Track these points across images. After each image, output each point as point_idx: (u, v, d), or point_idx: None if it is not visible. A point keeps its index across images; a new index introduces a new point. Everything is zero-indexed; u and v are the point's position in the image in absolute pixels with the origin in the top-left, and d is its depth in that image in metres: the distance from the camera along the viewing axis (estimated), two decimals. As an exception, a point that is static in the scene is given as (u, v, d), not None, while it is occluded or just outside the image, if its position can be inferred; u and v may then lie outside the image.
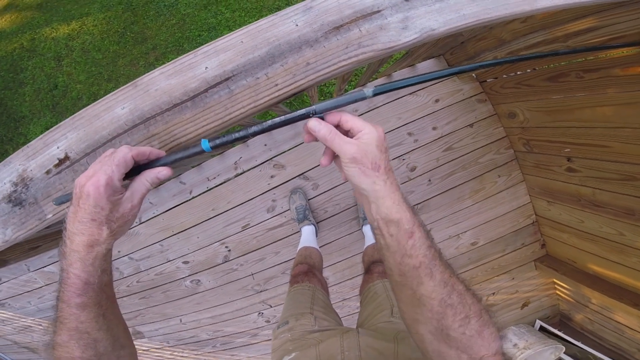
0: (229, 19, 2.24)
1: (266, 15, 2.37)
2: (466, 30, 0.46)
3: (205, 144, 0.41)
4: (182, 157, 0.42)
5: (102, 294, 0.38)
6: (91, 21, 2.49)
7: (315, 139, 0.42)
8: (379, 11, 0.45)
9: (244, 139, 0.42)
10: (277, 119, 0.40)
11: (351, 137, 0.39)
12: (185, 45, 2.24)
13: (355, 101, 0.42)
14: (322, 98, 1.99)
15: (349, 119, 0.40)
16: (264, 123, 0.41)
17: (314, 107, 0.41)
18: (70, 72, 2.40)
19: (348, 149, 0.37)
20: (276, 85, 0.46)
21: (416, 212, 0.39)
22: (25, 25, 2.65)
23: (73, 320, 0.36)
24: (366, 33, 0.45)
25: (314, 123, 0.39)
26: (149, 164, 0.41)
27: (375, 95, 0.42)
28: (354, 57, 0.46)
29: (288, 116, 0.40)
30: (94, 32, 2.45)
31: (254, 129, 0.41)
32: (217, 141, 0.41)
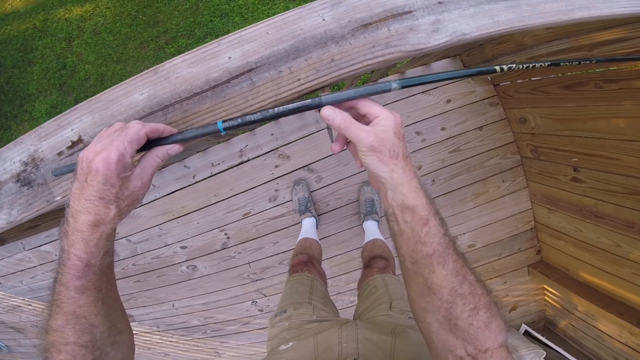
0: (242, 5, 2.21)
1: (279, 4, 2.31)
2: (498, 36, 0.45)
3: (220, 125, 0.40)
4: (194, 136, 0.40)
5: (103, 277, 0.37)
6: (105, 3, 2.50)
7: (345, 148, 0.40)
8: (410, 12, 0.44)
9: (260, 121, 0.40)
10: (299, 103, 0.39)
11: (366, 123, 0.38)
12: (196, 31, 2.22)
13: (379, 92, 0.40)
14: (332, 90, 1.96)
15: (365, 103, 0.38)
16: (287, 105, 0.40)
17: (337, 94, 0.40)
18: (79, 53, 2.42)
19: (365, 138, 0.36)
20: (299, 80, 0.45)
21: (432, 200, 0.38)
22: (40, 6, 2.66)
23: (71, 304, 0.34)
24: (395, 33, 0.44)
25: (328, 111, 0.38)
26: (159, 140, 0.40)
27: (402, 88, 0.40)
28: (380, 56, 0.45)
29: (307, 102, 0.39)
30: (106, 14, 2.47)
31: (276, 110, 0.40)
32: (233, 122, 0.40)
